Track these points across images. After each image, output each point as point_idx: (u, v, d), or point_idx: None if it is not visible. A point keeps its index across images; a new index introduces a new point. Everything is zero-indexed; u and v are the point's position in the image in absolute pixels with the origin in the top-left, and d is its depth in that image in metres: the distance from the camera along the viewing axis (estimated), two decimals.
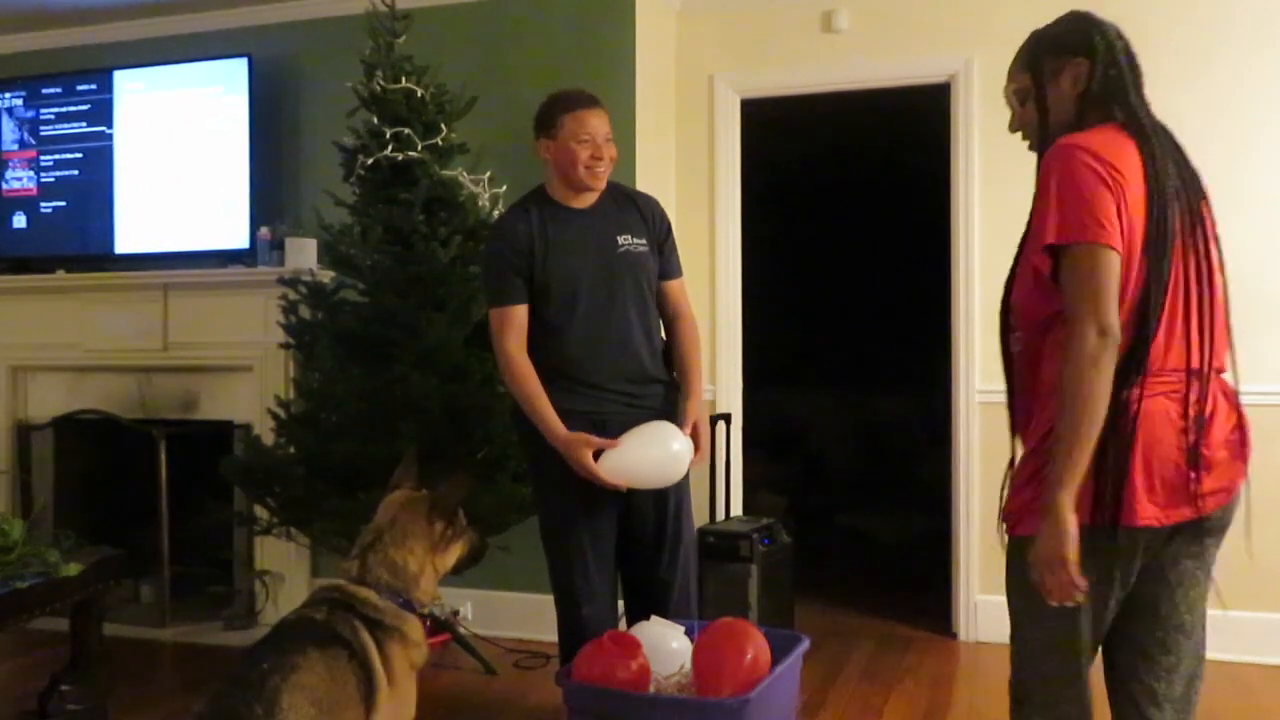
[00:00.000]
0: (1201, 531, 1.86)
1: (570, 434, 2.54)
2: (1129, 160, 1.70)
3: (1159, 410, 1.74)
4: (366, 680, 1.86)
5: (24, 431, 4.75)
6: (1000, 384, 1.97)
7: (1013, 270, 1.84)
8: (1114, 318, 1.63)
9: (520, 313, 2.65)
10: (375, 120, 3.67)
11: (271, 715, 1.70)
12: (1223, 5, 3.84)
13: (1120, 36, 1.82)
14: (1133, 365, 1.69)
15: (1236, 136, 3.82)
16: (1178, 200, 1.74)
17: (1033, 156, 1.89)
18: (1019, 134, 1.92)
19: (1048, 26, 1.82)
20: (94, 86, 4.61)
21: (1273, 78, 3.79)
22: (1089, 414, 1.62)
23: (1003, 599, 1.92)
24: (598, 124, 2.60)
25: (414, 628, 1.98)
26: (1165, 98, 4.02)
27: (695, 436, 2.64)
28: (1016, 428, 1.88)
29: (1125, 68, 1.80)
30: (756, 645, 2.23)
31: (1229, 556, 3.96)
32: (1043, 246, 1.68)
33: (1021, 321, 1.80)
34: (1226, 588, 3.93)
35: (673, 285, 2.77)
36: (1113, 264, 1.64)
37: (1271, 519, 3.78)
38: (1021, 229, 1.87)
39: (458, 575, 2.20)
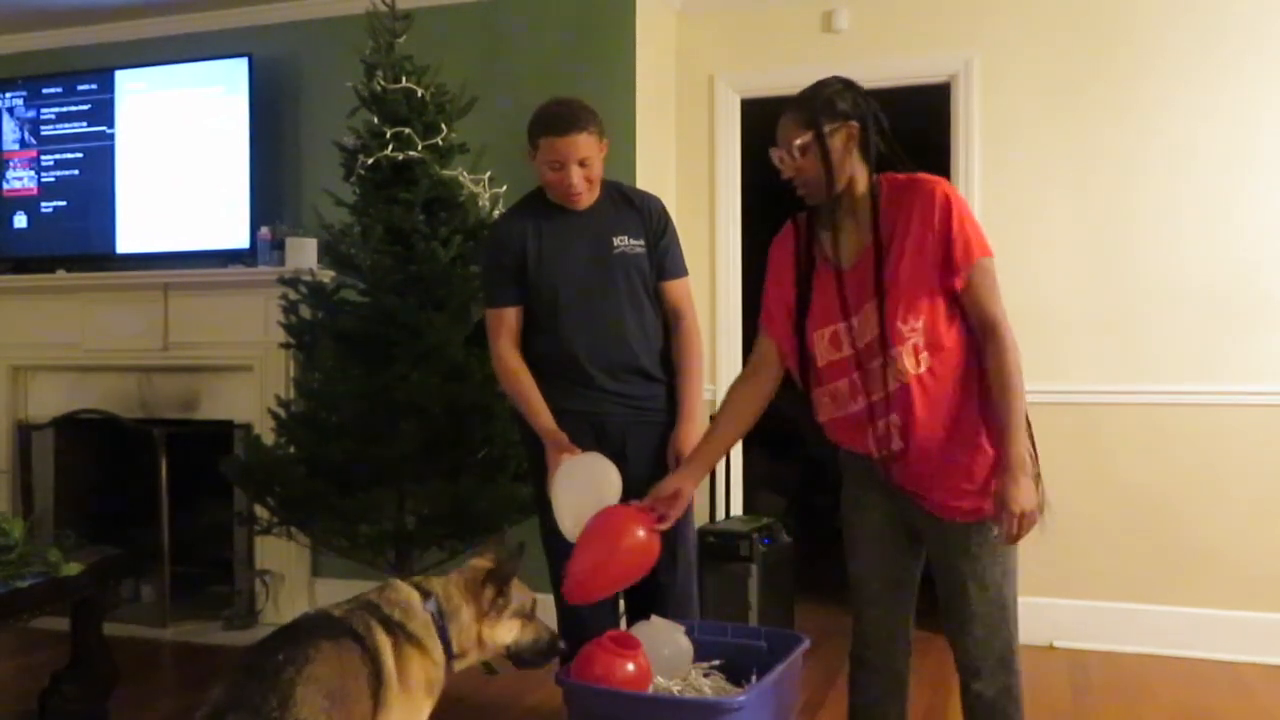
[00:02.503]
0: None
1: (556, 431, 2.56)
2: None
3: None
4: (376, 675, 1.86)
5: (24, 431, 4.75)
6: None
7: (884, 301, 2.00)
8: None
9: (512, 314, 2.67)
10: (375, 120, 3.67)
11: (285, 707, 1.71)
12: (1219, 4, 3.84)
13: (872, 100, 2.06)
14: None
15: (1234, 136, 3.82)
16: None
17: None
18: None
19: (816, 90, 2.04)
20: (95, 86, 4.62)
21: (1269, 77, 3.79)
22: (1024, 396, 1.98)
23: None
24: (569, 150, 2.53)
25: (437, 648, 1.97)
26: (1162, 97, 4.08)
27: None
28: (918, 442, 2.03)
29: (885, 128, 2.06)
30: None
31: (1229, 556, 4.00)
32: (970, 263, 1.96)
33: (931, 344, 1.98)
34: (1227, 588, 3.97)
35: (673, 286, 2.74)
36: None
37: (1271, 519, 3.80)
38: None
39: (524, 665, 2.16)
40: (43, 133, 4.70)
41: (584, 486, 2.46)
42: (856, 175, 2.04)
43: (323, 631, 1.86)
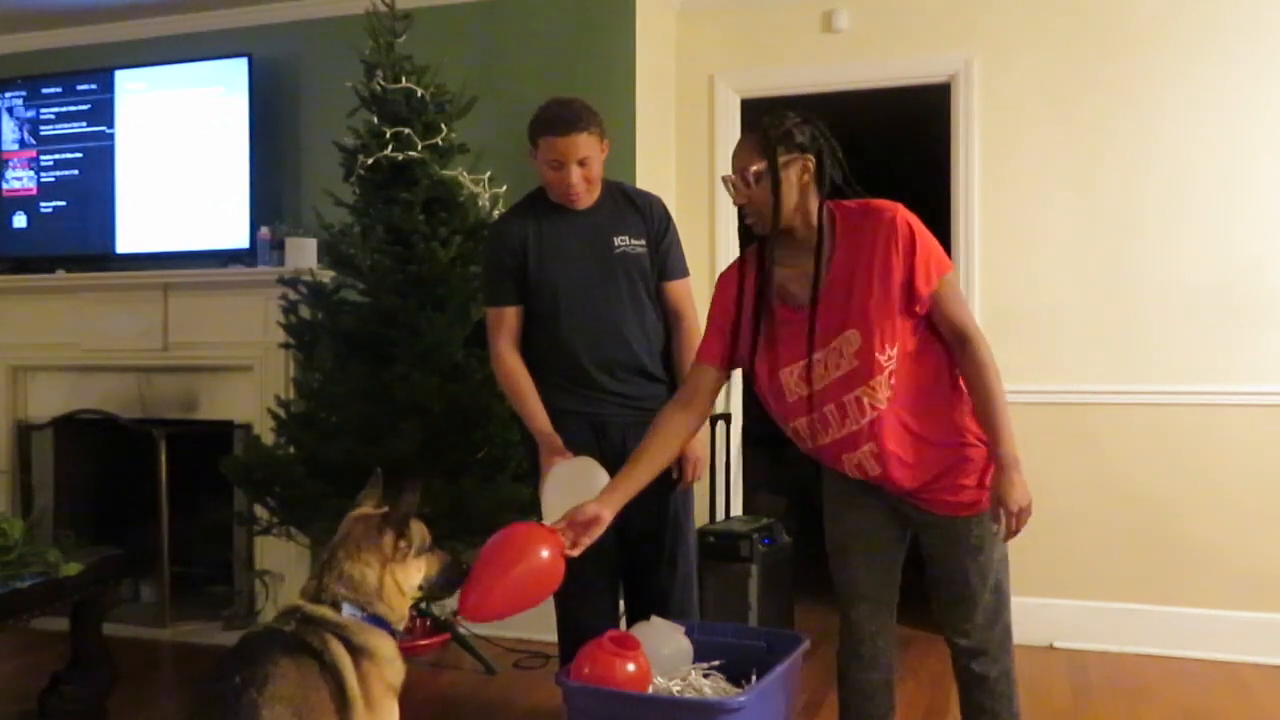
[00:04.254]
0: None
1: (551, 433, 2.57)
2: None
3: None
4: (339, 693, 1.80)
5: (24, 431, 4.75)
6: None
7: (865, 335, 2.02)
8: None
9: (511, 314, 2.67)
10: (375, 120, 3.67)
11: None
12: (1220, 3, 3.84)
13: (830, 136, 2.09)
14: None
15: (1235, 135, 3.82)
16: None
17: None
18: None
19: (776, 120, 2.04)
20: (95, 86, 4.62)
21: (1270, 74, 3.79)
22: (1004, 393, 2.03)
23: None
24: (568, 150, 2.53)
25: (383, 643, 1.91)
26: (1162, 97, 4.08)
27: (686, 462, 2.63)
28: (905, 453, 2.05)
29: (842, 161, 2.08)
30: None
31: (1229, 556, 4.00)
32: (934, 284, 2.00)
33: (900, 369, 2.02)
34: (1227, 588, 3.97)
35: (674, 286, 2.74)
36: None
37: (1271, 519, 3.79)
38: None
39: (436, 597, 2.15)
40: (42, 133, 4.70)
41: (574, 491, 2.46)
42: (809, 209, 2.06)
43: (278, 648, 1.80)
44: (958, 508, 2.08)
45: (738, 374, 4.36)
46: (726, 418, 4.26)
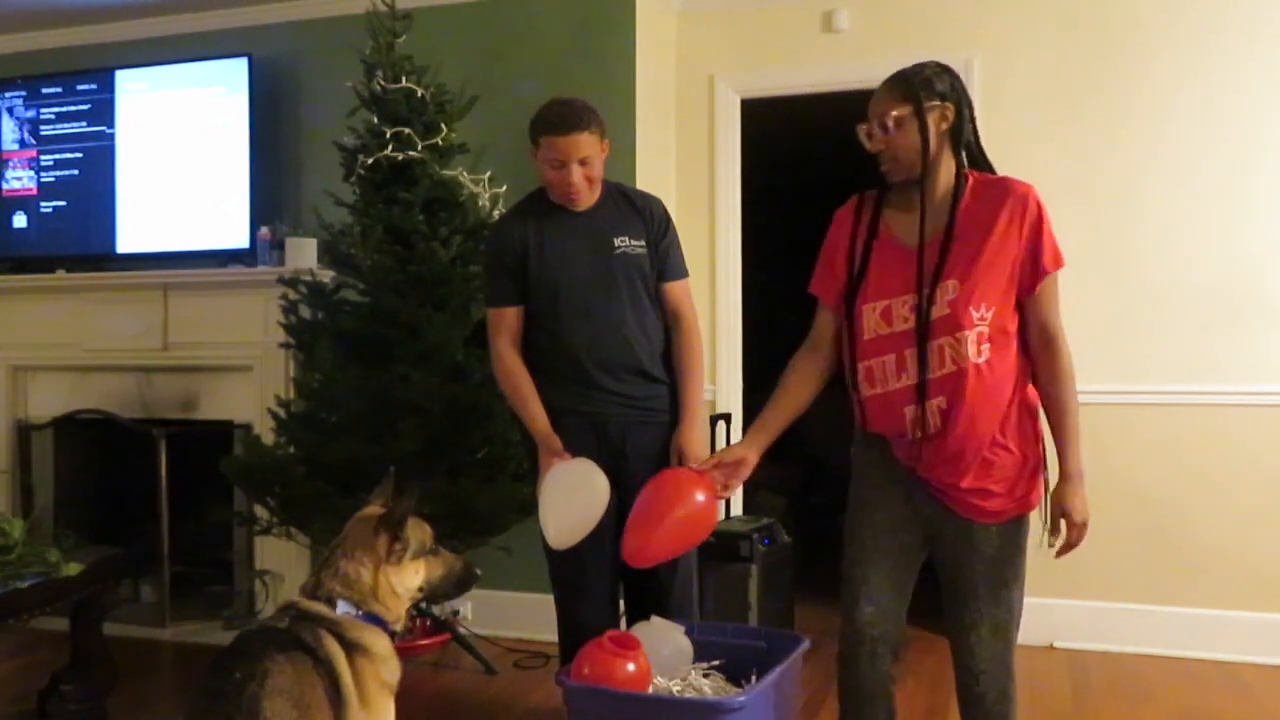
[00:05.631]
0: None
1: (550, 434, 2.57)
2: None
3: None
4: (333, 688, 1.81)
5: (24, 431, 4.75)
6: None
7: (964, 288, 2.02)
8: None
9: (511, 314, 2.68)
10: (375, 120, 3.67)
11: None
12: (1220, 4, 3.84)
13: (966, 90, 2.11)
14: None
15: (1236, 136, 3.82)
16: None
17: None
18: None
19: (916, 69, 2.07)
20: (95, 86, 4.61)
21: (1271, 75, 3.79)
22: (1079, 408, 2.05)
23: None
24: (569, 149, 2.53)
25: (378, 641, 1.91)
26: (1161, 97, 4.08)
27: (686, 461, 2.61)
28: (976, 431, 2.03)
29: (974, 118, 2.11)
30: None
31: (1229, 556, 4.00)
32: (1049, 272, 2.05)
33: (993, 338, 2.02)
34: (1227, 588, 3.97)
35: (674, 287, 2.74)
36: None
37: (1272, 519, 3.79)
38: None
39: (441, 599, 2.14)
40: (42, 132, 4.70)
41: (571, 494, 2.47)
42: (942, 159, 2.06)
43: (273, 644, 1.81)
44: (984, 514, 2.05)
45: (736, 373, 4.39)
46: (726, 417, 4.26)
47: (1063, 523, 2.00)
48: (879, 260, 2.09)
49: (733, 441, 4.37)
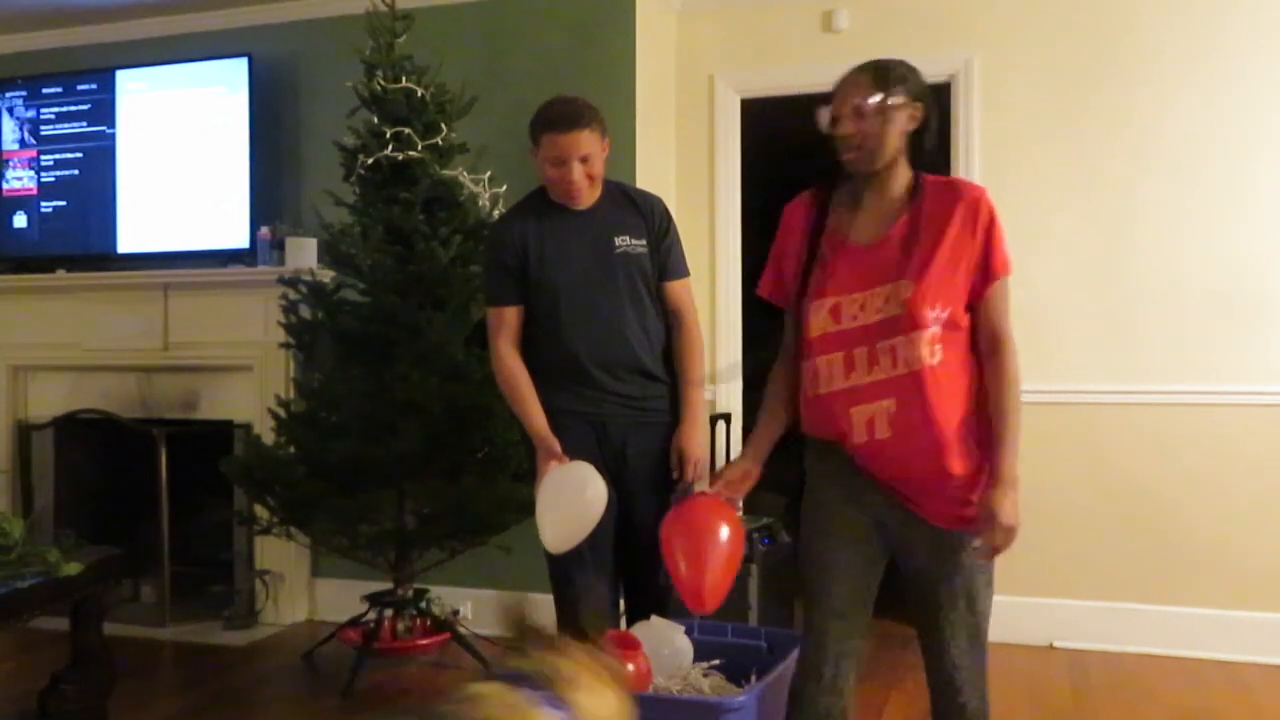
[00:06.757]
0: None
1: (548, 436, 2.56)
2: None
3: None
4: None
5: (24, 431, 4.75)
6: None
7: (918, 287, 1.99)
8: None
9: (511, 313, 2.67)
10: (375, 120, 3.67)
11: None
12: (1220, 4, 3.84)
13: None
14: None
15: (1235, 135, 3.82)
16: None
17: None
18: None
19: (888, 63, 2.05)
20: (95, 86, 4.62)
21: (1271, 73, 3.79)
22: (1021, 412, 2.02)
23: (1002, 597, 1.94)
24: (570, 146, 2.53)
25: None
26: (1163, 97, 4.08)
27: (685, 461, 2.62)
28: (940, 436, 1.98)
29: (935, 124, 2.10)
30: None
31: (1229, 556, 4.00)
32: (1000, 277, 2.01)
33: (945, 341, 1.98)
34: (1227, 588, 3.97)
35: (674, 286, 2.73)
36: None
37: (1270, 519, 3.79)
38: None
39: None
40: (43, 132, 4.70)
41: (569, 497, 2.46)
42: (900, 158, 2.05)
43: None
44: (955, 520, 2.00)
45: (736, 373, 4.39)
46: (726, 417, 4.26)
47: (990, 527, 1.93)
48: (829, 257, 2.06)
49: (732, 441, 4.37)
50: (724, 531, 2.18)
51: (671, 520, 2.24)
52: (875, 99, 1.99)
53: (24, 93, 4.73)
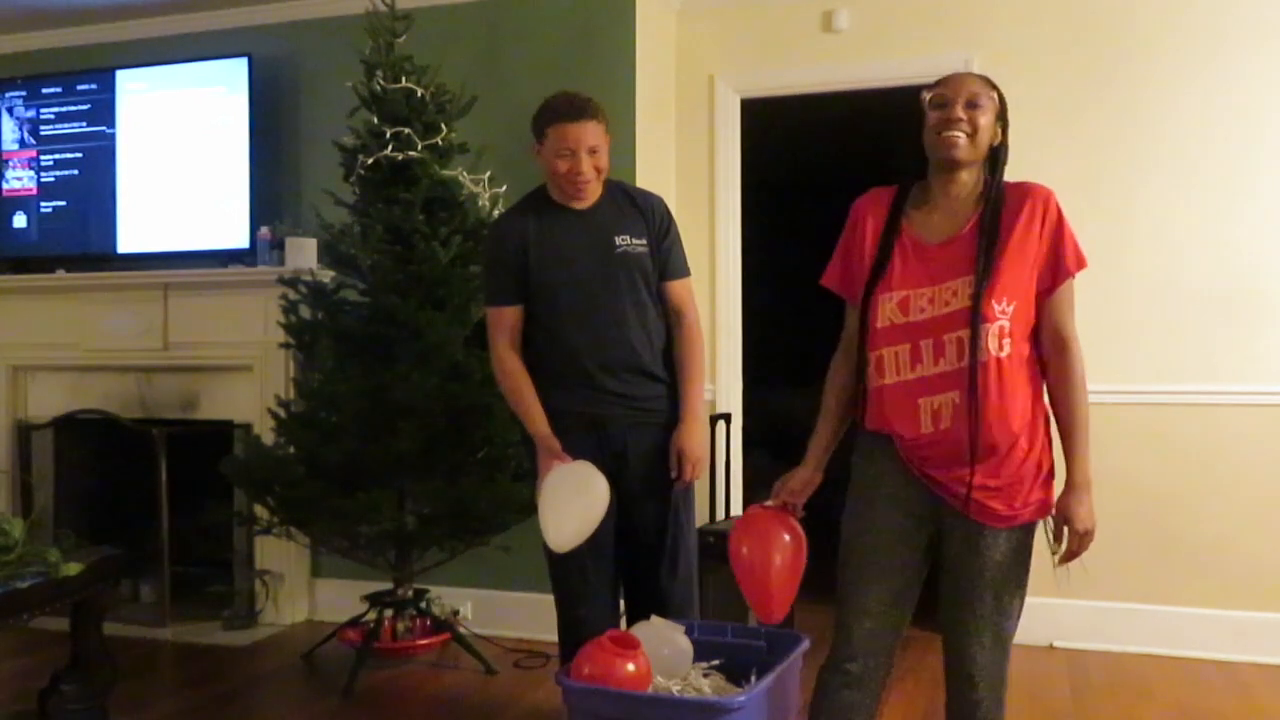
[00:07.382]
0: None
1: (549, 436, 2.57)
2: None
3: None
4: None
5: (24, 431, 4.75)
6: None
7: (988, 281, 2.01)
8: None
9: (511, 313, 2.67)
10: (375, 120, 3.67)
11: None
12: (1220, 5, 3.84)
13: None
14: None
15: (1235, 136, 3.82)
16: None
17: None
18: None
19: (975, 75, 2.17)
20: (95, 86, 4.62)
21: (1268, 76, 3.79)
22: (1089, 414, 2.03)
23: None
24: (580, 136, 2.53)
25: None
26: (1162, 97, 4.08)
27: (685, 461, 2.62)
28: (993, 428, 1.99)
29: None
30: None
31: (1229, 556, 4.00)
32: (1072, 274, 2.04)
33: (1013, 336, 1.99)
34: (1227, 588, 3.97)
35: (674, 286, 2.73)
36: None
37: (1270, 518, 3.79)
38: None
39: None
40: (42, 132, 4.70)
41: (570, 496, 2.46)
42: (981, 161, 2.12)
43: None
44: (993, 516, 2.00)
45: (736, 372, 4.38)
46: (726, 417, 4.26)
47: (1065, 531, 1.98)
48: (900, 254, 2.08)
49: (732, 441, 4.37)
50: (787, 542, 2.23)
51: (737, 533, 2.28)
52: (986, 95, 2.10)
53: (24, 93, 4.73)
